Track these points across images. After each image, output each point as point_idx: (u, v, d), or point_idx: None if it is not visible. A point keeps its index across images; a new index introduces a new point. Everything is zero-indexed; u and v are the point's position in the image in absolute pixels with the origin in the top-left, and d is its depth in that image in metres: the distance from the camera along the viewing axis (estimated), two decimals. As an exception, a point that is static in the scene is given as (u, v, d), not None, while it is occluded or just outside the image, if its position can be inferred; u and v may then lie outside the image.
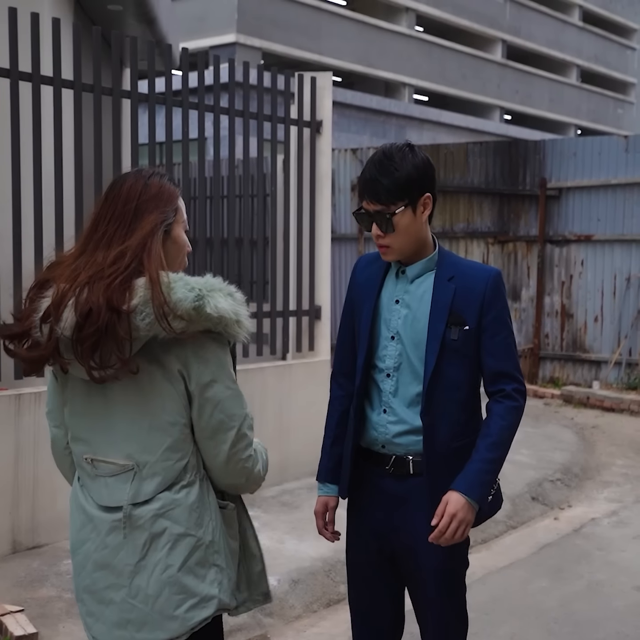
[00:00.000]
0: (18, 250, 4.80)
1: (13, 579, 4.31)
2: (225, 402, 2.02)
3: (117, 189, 2.08)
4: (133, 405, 2.03)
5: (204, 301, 1.93)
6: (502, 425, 2.42)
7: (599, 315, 10.30)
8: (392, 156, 2.37)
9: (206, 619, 2.04)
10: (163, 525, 2.01)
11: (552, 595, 4.59)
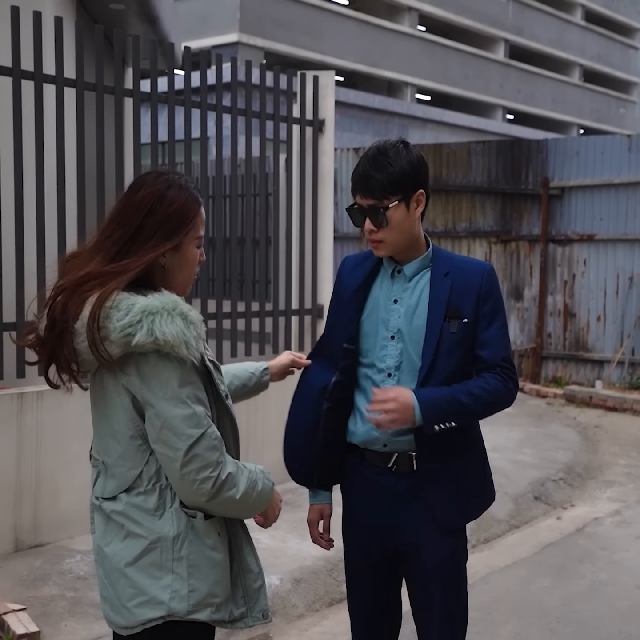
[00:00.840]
0: (20, 249, 4.80)
1: (15, 578, 4.31)
2: (170, 421, 1.97)
3: (134, 192, 2.07)
4: (99, 409, 2.09)
5: (136, 328, 1.91)
6: (480, 384, 2.42)
7: (601, 314, 10.29)
8: (386, 152, 2.39)
9: (155, 620, 2.03)
10: (121, 521, 2.06)
11: (554, 595, 4.59)
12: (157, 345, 1.93)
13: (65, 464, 4.84)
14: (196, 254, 2.12)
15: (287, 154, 6.39)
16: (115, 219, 2.05)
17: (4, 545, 4.62)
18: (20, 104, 4.78)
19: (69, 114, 5.07)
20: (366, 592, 2.64)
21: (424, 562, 2.50)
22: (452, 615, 2.56)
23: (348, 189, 11.77)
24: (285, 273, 6.35)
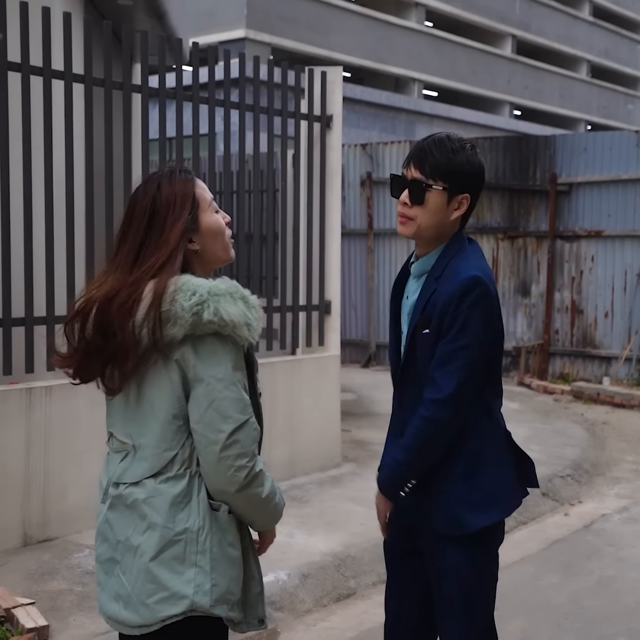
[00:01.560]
0: (29, 244, 4.81)
1: (24, 572, 4.33)
2: (221, 401, 1.99)
3: (131, 210, 2.12)
4: (141, 389, 2.07)
5: (203, 307, 1.96)
6: (411, 431, 2.37)
7: (609, 311, 10.27)
8: (454, 141, 2.36)
9: (176, 616, 2.01)
10: (144, 511, 2.03)
11: (562, 591, 4.59)
12: (220, 326, 1.97)
13: (74, 458, 4.86)
14: (218, 219, 2.15)
15: (295, 150, 6.39)
16: (121, 239, 2.12)
17: (12, 540, 4.64)
18: (29, 100, 4.79)
19: (77, 109, 5.08)
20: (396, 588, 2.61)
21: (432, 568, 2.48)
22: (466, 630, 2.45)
23: (356, 185, 11.91)
24: (293, 269, 6.35)
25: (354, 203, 11.92)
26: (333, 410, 6.51)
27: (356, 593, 4.51)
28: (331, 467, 6.43)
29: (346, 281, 11.71)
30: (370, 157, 11.76)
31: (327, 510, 5.45)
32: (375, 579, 4.55)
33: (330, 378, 6.47)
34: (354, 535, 4.91)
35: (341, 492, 5.76)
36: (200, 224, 2.11)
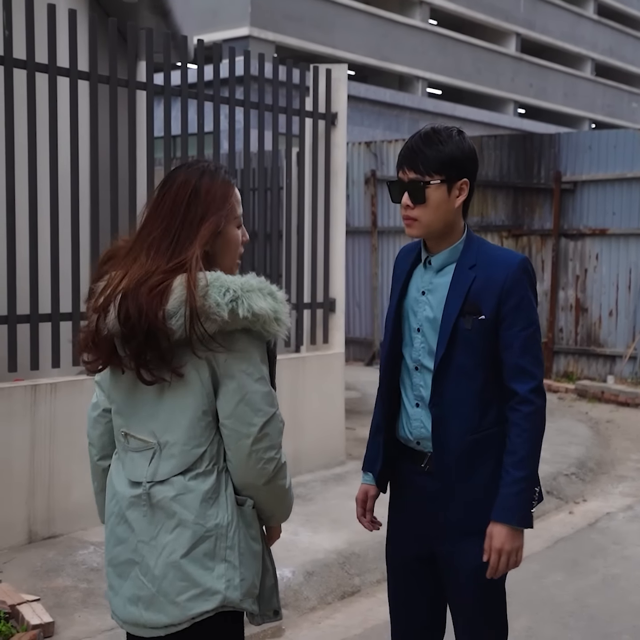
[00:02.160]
0: (34, 241, 4.81)
1: (29, 569, 4.33)
2: (252, 395, 2.01)
3: (167, 188, 2.08)
4: (164, 386, 2.05)
5: (237, 303, 1.96)
6: (524, 437, 2.32)
7: (613, 309, 10.26)
8: (440, 132, 2.35)
9: (207, 612, 2.01)
10: (174, 509, 2.02)
11: (567, 589, 4.58)
12: (251, 321, 1.98)
13: (79, 456, 4.85)
14: (238, 235, 2.14)
15: (300, 148, 6.39)
16: (153, 215, 2.08)
17: (17, 537, 4.65)
18: (34, 97, 4.79)
19: (82, 106, 5.08)
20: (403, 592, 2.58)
21: (453, 569, 2.43)
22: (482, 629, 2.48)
23: (359, 183, 11.89)
24: (297, 267, 6.35)
25: (358, 201, 11.91)
26: (337, 408, 6.51)
27: (360, 591, 4.51)
28: (335, 464, 6.43)
29: (350, 279, 11.71)
30: (375, 155, 11.75)
31: (332, 508, 5.45)
32: (380, 577, 4.55)
33: (335, 376, 6.47)
34: (358, 533, 4.89)
35: (345, 490, 5.76)
36: (222, 231, 2.09)
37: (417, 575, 2.53)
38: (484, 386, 2.38)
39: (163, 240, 2.04)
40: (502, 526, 2.31)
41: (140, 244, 2.07)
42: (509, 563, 2.34)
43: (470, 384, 2.37)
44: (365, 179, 11.81)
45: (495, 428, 2.39)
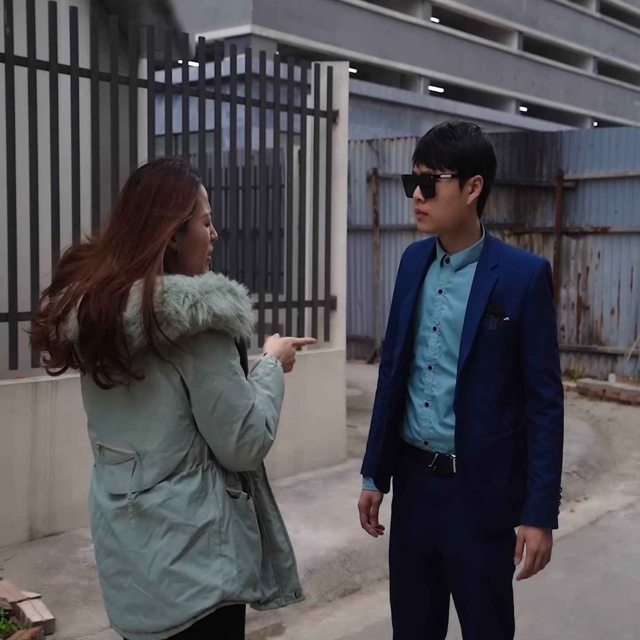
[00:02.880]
0: (35, 239, 4.81)
1: (30, 566, 4.34)
2: (226, 394, 1.99)
3: (132, 188, 2.07)
4: (134, 396, 2.03)
5: (197, 307, 1.93)
6: (553, 440, 2.35)
7: (615, 307, 10.25)
8: (455, 128, 2.34)
9: (208, 609, 2.02)
10: (162, 515, 2.01)
11: (568, 587, 4.58)
12: (213, 322, 1.95)
13: (79, 453, 4.86)
14: (205, 232, 2.12)
15: (301, 146, 6.39)
16: (118, 216, 2.06)
17: (19, 534, 4.65)
18: (35, 94, 4.79)
19: (83, 104, 5.08)
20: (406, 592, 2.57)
21: (462, 570, 2.42)
22: (493, 629, 2.47)
23: (362, 181, 11.88)
24: (299, 264, 6.35)
25: (359, 199, 11.90)
26: (338, 405, 6.51)
27: (361, 588, 4.51)
28: (336, 462, 6.43)
29: (352, 277, 11.70)
30: (376, 153, 11.75)
31: (333, 505, 5.45)
32: (381, 575, 4.55)
33: (336, 374, 6.47)
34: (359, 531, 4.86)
35: (346, 488, 5.76)
36: (188, 228, 2.07)
37: (421, 575, 2.52)
38: (506, 387, 2.38)
39: (127, 240, 2.02)
40: (537, 529, 2.35)
41: (106, 246, 2.05)
42: (542, 565, 2.38)
43: (492, 385, 2.37)
44: (367, 177, 11.80)
45: (513, 429, 2.39)
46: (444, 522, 2.42)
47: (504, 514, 2.39)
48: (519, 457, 2.39)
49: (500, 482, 2.38)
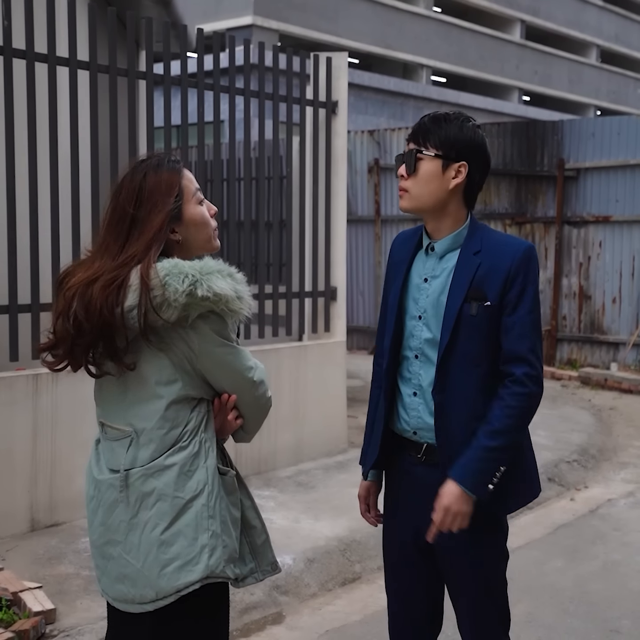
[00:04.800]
0: (35, 232, 4.82)
1: (31, 556, 4.36)
2: (231, 363, 2.13)
3: (116, 197, 2.15)
4: (134, 375, 2.12)
5: (196, 285, 2.02)
6: (505, 412, 2.28)
7: (617, 296, 10.24)
8: (449, 115, 2.37)
9: (192, 584, 2.07)
10: (152, 485, 2.08)
11: (567, 575, 4.60)
12: (213, 301, 2.04)
13: (80, 444, 4.88)
14: (201, 211, 2.19)
15: (300, 136, 6.38)
16: (107, 227, 2.15)
17: (20, 525, 4.68)
18: (34, 87, 4.79)
19: (82, 96, 5.08)
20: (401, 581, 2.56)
21: (452, 560, 2.43)
22: (487, 618, 2.46)
23: (363, 171, 11.88)
24: (299, 255, 6.36)
25: (361, 190, 11.90)
26: (339, 396, 6.52)
27: (361, 577, 4.53)
28: (337, 452, 6.45)
29: (353, 268, 11.71)
30: (378, 144, 11.74)
31: (333, 495, 5.47)
32: (380, 564, 4.54)
33: (337, 364, 6.48)
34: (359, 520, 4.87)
35: (347, 478, 5.78)
36: (184, 215, 2.15)
37: (415, 564, 2.52)
38: (488, 373, 2.35)
39: (115, 242, 2.11)
40: (456, 486, 2.28)
41: (94, 255, 2.15)
42: (452, 525, 2.30)
43: (475, 371, 2.34)
44: (368, 167, 11.79)
45: None
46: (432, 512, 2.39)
47: (490, 503, 2.33)
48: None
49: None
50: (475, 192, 2.42)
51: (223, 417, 2.22)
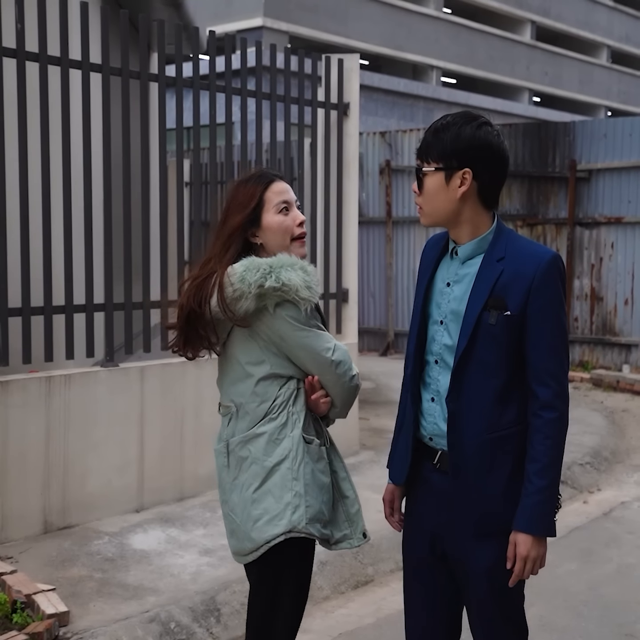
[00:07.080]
0: (48, 233, 4.83)
1: (45, 559, 4.37)
2: (309, 345, 2.45)
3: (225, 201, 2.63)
4: (231, 360, 2.54)
5: (266, 277, 2.38)
6: (547, 445, 2.27)
7: (629, 298, 10.20)
8: (449, 122, 2.30)
9: (278, 536, 2.39)
10: (247, 451, 2.47)
11: (581, 578, 4.58)
12: (284, 291, 2.39)
13: (93, 446, 4.89)
14: (280, 220, 2.54)
15: (312, 138, 6.38)
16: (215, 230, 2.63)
17: (33, 527, 4.68)
18: (46, 89, 4.80)
19: (94, 99, 5.09)
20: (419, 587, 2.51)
21: (466, 572, 2.38)
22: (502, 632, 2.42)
23: (374, 173, 11.87)
24: (310, 257, 6.35)
25: (372, 191, 11.88)
26: (351, 398, 6.49)
27: (374, 580, 4.52)
28: (349, 455, 6.43)
29: (365, 269, 11.69)
30: (389, 145, 11.72)
31: (345, 497, 5.45)
32: (393, 566, 4.57)
33: (348, 366, 6.46)
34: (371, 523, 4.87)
35: (359, 480, 5.76)
36: (262, 221, 2.53)
37: (433, 572, 2.47)
38: (507, 383, 2.30)
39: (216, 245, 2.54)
40: (526, 535, 2.27)
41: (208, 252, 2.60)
42: (533, 570, 2.31)
43: (492, 381, 2.30)
44: (380, 169, 11.78)
45: (516, 427, 2.32)
46: (448, 520, 2.38)
47: (505, 514, 2.31)
48: (522, 456, 2.32)
49: (499, 480, 2.31)
50: (492, 192, 2.34)
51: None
